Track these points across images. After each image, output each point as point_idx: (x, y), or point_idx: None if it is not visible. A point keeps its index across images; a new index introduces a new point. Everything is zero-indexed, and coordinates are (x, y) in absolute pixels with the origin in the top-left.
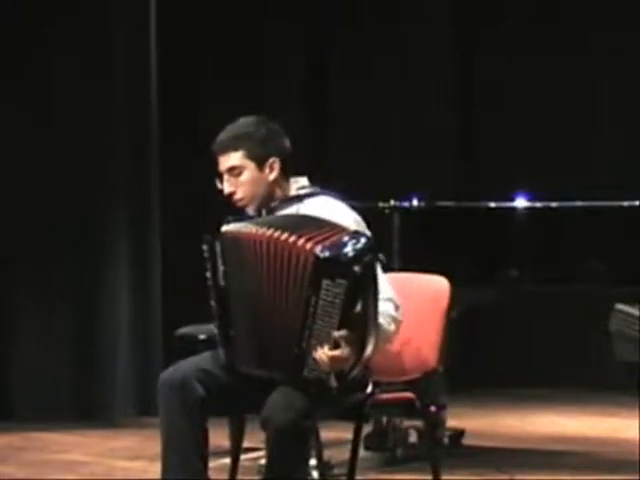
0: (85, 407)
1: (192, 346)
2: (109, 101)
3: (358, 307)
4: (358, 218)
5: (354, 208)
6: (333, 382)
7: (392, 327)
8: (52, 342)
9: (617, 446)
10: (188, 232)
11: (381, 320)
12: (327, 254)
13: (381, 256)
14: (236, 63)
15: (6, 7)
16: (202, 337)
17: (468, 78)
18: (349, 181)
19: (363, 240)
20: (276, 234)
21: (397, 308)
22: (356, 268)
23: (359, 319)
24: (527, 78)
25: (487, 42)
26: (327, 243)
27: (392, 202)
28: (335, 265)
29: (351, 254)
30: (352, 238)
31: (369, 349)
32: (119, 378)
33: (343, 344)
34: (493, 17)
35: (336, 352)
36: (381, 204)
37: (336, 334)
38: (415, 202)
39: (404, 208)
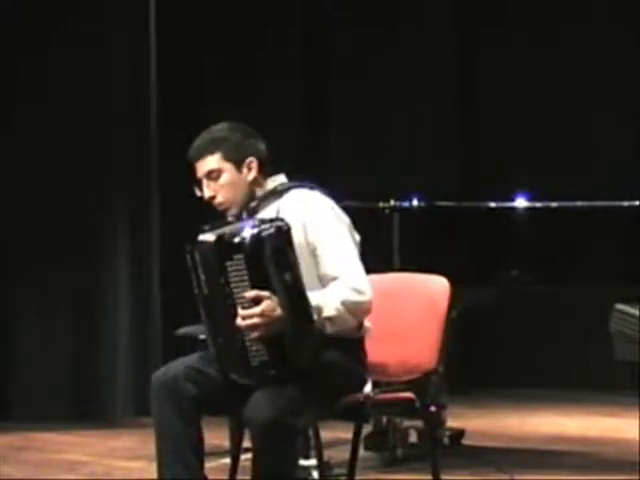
0: (85, 407)
1: (192, 346)
2: (109, 101)
3: (268, 278)
4: (334, 205)
5: (354, 208)
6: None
7: (340, 307)
8: (52, 342)
9: (617, 446)
10: (188, 232)
11: (330, 300)
12: (220, 238)
13: (285, 227)
14: (236, 63)
15: (6, 7)
16: (202, 337)
17: (468, 78)
18: (349, 181)
19: (262, 220)
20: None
21: (360, 293)
22: (247, 240)
23: (274, 288)
24: (527, 78)
25: (487, 42)
26: (226, 230)
27: (392, 202)
28: (228, 244)
29: (243, 230)
30: (251, 220)
31: (301, 317)
32: (119, 378)
33: (262, 303)
34: (493, 17)
35: (250, 310)
36: (381, 204)
37: (247, 294)
38: (415, 202)
39: (404, 208)
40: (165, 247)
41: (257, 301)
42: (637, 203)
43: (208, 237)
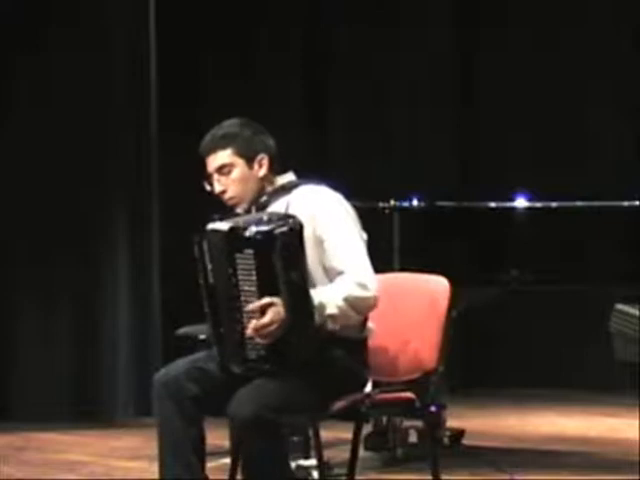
0: (85, 407)
1: (192, 346)
2: (109, 101)
3: (275, 275)
4: (341, 198)
5: (354, 208)
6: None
7: (342, 304)
8: (52, 342)
9: (617, 446)
10: (188, 232)
11: (333, 298)
12: (233, 229)
13: (298, 225)
14: (236, 63)
15: (6, 7)
16: (202, 337)
17: (468, 78)
18: (349, 181)
19: (275, 216)
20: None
21: (364, 289)
22: (259, 236)
23: (279, 286)
24: (527, 78)
25: (487, 42)
26: (240, 222)
27: (392, 202)
28: (239, 237)
29: (254, 225)
30: (264, 215)
31: (302, 315)
32: (119, 378)
33: (269, 311)
34: (493, 17)
35: (260, 321)
36: (381, 204)
37: (254, 305)
38: (415, 202)
39: (404, 208)
40: (165, 247)
41: (263, 309)
42: (637, 203)
43: (220, 226)
